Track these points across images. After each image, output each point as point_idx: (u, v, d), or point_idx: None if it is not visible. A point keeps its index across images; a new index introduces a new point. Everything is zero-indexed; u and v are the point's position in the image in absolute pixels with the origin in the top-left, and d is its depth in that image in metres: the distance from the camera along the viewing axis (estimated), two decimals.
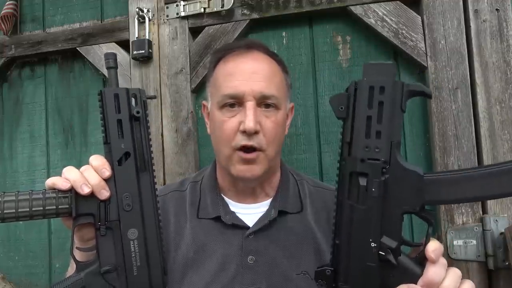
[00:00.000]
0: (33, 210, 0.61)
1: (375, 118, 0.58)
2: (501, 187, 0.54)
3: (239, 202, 0.87)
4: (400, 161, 0.58)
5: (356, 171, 0.59)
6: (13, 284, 1.47)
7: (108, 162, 0.65)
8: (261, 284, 0.78)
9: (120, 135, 0.65)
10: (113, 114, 0.65)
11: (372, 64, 0.60)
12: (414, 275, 0.56)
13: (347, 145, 0.60)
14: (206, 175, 0.92)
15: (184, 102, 1.32)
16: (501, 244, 1.04)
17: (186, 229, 0.84)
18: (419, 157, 1.22)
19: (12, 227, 1.49)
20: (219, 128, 0.81)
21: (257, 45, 0.86)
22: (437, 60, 1.16)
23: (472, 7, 1.14)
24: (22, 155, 1.53)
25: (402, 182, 0.57)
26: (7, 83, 1.58)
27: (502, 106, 1.11)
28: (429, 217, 0.58)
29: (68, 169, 0.64)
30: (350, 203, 0.60)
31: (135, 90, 0.67)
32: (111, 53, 0.69)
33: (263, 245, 0.81)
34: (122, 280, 0.64)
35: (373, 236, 0.58)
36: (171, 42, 1.34)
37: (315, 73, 1.30)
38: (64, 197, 0.63)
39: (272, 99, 0.80)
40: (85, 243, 0.68)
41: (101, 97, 0.66)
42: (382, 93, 0.58)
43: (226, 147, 0.80)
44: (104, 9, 1.48)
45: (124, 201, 0.64)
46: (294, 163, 1.27)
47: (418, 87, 0.58)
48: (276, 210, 0.84)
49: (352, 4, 1.22)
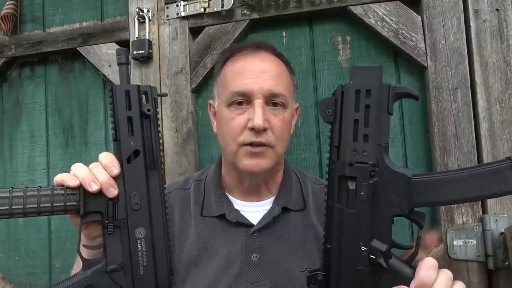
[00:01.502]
0: (41, 207, 0.61)
1: (362, 122, 0.58)
2: (490, 187, 0.54)
3: (243, 200, 0.87)
4: (388, 163, 0.58)
5: (345, 175, 0.59)
6: (13, 284, 1.47)
7: (117, 159, 0.64)
8: (265, 281, 0.79)
9: (130, 133, 0.64)
10: (124, 111, 0.64)
11: (359, 68, 0.60)
12: (405, 277, 0.56)
13: (335, 149, 0.60)
14: (210, 173, 0.92)
15: (184, 102, 1.32)
16: (501, 244, 1.04)
17: (191, 227, 0.85)
18: (419, 157, 1.22)
19: (12, 227, 1.49)
20: (226, 124, 0.81)
21: (265, 46, 0.88)
22: (437, 60, 1.16)
23: (472, 7, 1.14)
24: (22, 155, 1.53)
25: (391, 185, 0.57)
26: (7, 83, 1.58)
27: (502, 106, 1.11)
28: (419, 219, 0.58)
29: (77, 166, 0.64)
30: (340, 207, 0.60)
31: (146, 87, 0.66)
32: (123, 49, 0.68)
33: (267, 242, 0.82)
34: (128, 279, 0.63)
35: (363, 239, 0.58)
36: (171, 42, 1.34)
37: (315, 73, 1.30)
38: (73, 194, 0.62)
39: (280, 97, 0.81)
40: (92, 241, 0.67)
41: (112, 93, 0.64)
42: (368, 96, 0.58)
43: (233, 143, 0.80)
44: (104, 9, 1.48)
45: (133, 199, 0.64)
46: (294, 163, 1.27)
47: (404, 89, 0.58)
48: (280, 207, 0.84)
49: (352, 4, 1.22)
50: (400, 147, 1.23)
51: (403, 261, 0.58)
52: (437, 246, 1.14)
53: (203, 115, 1.35)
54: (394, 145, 1.24)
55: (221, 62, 0.89)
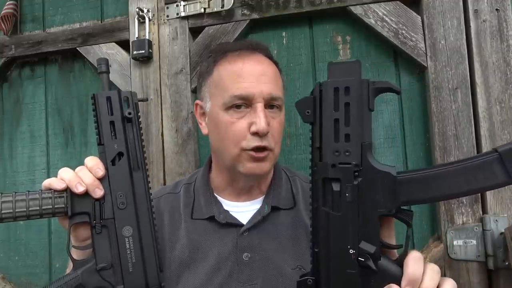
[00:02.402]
0: (30, 210, 0.63)
1: (343, 121, 0.56)
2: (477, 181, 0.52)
3: (232, 200, 0.88)
4: (372, 163, 0.56)
5: (328, 177, 0.57)
6: (13, 284, 1.47)
7: (102, 162, 0.67)
8: (257, 280, 0.79)
9: (113, 136, 0.67)
10: (106, 116, 0.67)
11: (336, 64, 0.57)
12: (395, 277, 0.55)
13: (317, 150, 0.59)
14: (199, 177, 0.93)
15: (184, 102, 1.32)
16: (501, 244, 1.04)
17: (181, 230, 0.85)
18: (419, 157, 1.22)
19: (12, 227, 1.49)
20: (226, 128, 0.81)
21: (259, 47, 0.87)
22: (437, 60, 1.16)
23: (472, 7, 1.14)
24: (22, 155, 1.53)
25: (375, 184, 0.55)
26: (7, 83, 1.58)
27: (502, 106, 1.11)
28: (407, 218, 0.56)
29: (64, 170, 0.66)
30: (326, 210, 0.58)
31: (127, 92, 0.70)
32: (103, 58, 0.73)
33: (258, 241, 0.82)
34: (118, 277, 0.65)
35: (351, 242, 0.56)
36: (171, 42, 1.34)
37: (315, 73, 1.30)
38: (60, 196, 0.64)
39: (278, 100, 0.82)
40: (81, 242, 0.69)
41: (94, 100, 0.69)
42: (347, 93, 0.56)
43: (235, 147, 0.80)
44: (104, 9, 1.48)
45: (118, 199, 0.66)
46: (294, 163, 1.27)
47: (384, 83, 0.56)
48: (269, 206, 0.84)
49: (352, 4, 1.22)
50: (400, 147, 1.23)
51: (392, 261, 0.57)
52: (437, 246, 1.14)
53: None
54: (394, 145, 1.24)
55: (212, 62, 0.87)
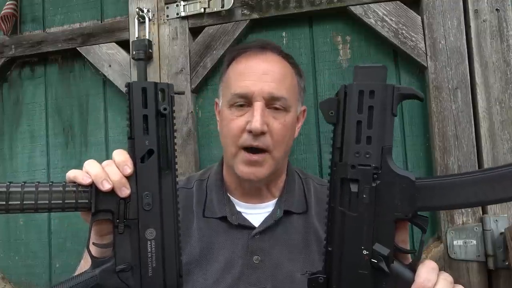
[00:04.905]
0: (52, 203, 0.60)
1: (365, 123, 0.57)
2: (495, 193, 0.53)
3: (245, 202, 0.87)
4: (391, 166, 0.56)
5: (347, 177, 0.58)
6: (13, 284, 1.47)
7: (130, 158, 0.63)
8: (266, 284, 0.78)
9: (145, 131, 0.63)
10: (140, 108, 0.63)
11: (363, 67, 0.58)
12: (407, 282, 0.55)
13: (337, 150, 0.59)
14: (213, 173, 0.91)
15: (184, 102, 1.32)
16: (501, 244, 1.04)
17: (193, 227, 0.85)
18: (419, 157, 1.22)
19: (12, 227, 1.49)
20: (226, 126, 0.81)
21: (271, 46, 0.86)
22: (437, 60, 1.16)
23: (472, 7, 1.14)
24: (22, 155, 1.53)
25: (393, 188, 0.56)
26: (7, 83, 1.58)
27: (502, 106, 1.11)
28: (423, 223, 0.57)
29: (90, 163, 0.63)
30: (342, 210, 0.58)
31: (164, 84, 0.65)
32: (142, 44, 0.66)
33: (269, 245, 0.81)
34: (137, 280, 0.62)
35: (365, 243, 0.57)
36: (171, 42, 1.34)
37: (315, 73, 1.30)
38: (84, 191, 0.61)
39: (282, 101, 0.80)
40: (101, 238, 0.66)
41: (129, 90, 0.63)
42: (372, 97, 0.56)
43: (232, 145, 0.80)
44: (104, 9, 1.48)
45: (144, 200, 0.62)
46: (294, 163, 1.27)
47: (409, 90, 0.57)
48: (282, 210, 0.84)
49: (352, 4, 1.22)
50: (400, 147, 1.23)
51: (405, 265, 0.57)
52: (437, 246, 1.14)
53: (203, 115, 1.35)
54: (394, 145, 1.22)
55: (227, 61, 0.88)
